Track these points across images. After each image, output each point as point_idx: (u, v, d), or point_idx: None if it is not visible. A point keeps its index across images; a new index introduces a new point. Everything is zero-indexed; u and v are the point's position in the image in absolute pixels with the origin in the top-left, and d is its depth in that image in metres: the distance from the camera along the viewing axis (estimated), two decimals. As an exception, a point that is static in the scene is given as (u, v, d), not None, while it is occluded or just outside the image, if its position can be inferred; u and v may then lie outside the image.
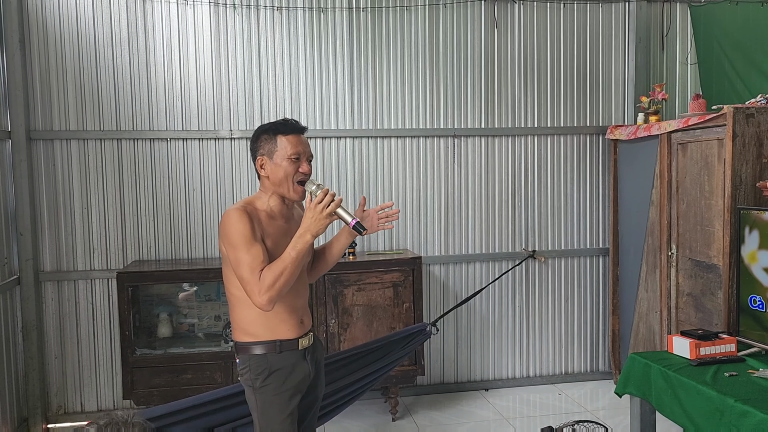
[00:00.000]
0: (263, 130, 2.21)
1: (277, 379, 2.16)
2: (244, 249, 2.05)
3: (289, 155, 2.15)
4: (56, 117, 3.92)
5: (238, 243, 2.06)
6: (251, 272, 2.03)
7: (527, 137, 4.46)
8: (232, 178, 4.12)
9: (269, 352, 2.16)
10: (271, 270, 2.03)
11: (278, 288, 2.02)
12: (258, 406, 2.17)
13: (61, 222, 3.97)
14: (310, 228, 2.04)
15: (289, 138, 2.17)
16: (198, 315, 4.06)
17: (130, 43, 3.97)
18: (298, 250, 2.04)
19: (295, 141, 2.18)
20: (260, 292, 2.02)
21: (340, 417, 3.82)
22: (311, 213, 2.03)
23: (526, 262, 4.48)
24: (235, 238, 2.07)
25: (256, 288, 2.03)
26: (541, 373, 4.59)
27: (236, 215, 2.08)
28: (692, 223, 3.58)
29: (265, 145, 2.18)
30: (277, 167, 2.16)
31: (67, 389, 4.03)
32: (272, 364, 2.15)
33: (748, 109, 3.18)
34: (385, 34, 4.24)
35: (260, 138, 2.21)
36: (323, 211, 2.02)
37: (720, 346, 2.80)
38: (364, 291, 3.87)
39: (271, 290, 2.02)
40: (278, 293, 2.04)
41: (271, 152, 2.17)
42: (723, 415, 2.33)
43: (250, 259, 2.04)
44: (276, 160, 2.16)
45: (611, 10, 4.52)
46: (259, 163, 2.20)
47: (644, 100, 4.13)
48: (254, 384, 2.16)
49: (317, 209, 2.03)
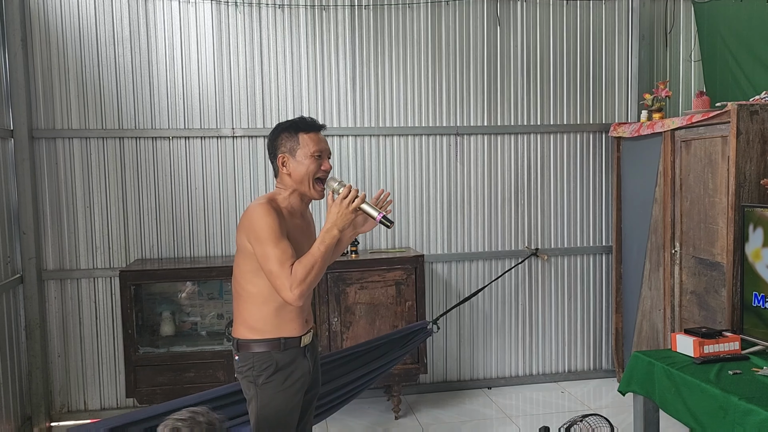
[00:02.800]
0: (284, 128, 2.21)
1: (281, 375, 2.16)
2: (273, 243, 2.05)
3: (312, 153, 2.17)
4: (58, 116, 3.93)
5: (267, 237, 2.06)
6: (281, 266, 2.03)
7: (530, 135, 4.45)
8: (234, 177, 4.12)
9: (273, 349, 2.16)
10: (302, 264, 2.04)
11: (309, 282, 2.04)
12: (258, 402, 2.17)
13: (63, 220, 3.97)
14: (336, 223, 2.06)
15: (310, 135, 2.18)
16: (200, 313, 4.06)
17: (132, 41, 3.97)
18: (327, 244, 2.06)
19: (317, 139, 2.19)
20: (291, 286, 2.02)
21: (343, 415, 3.83)
22: (337, 208, 2.06)
23: (528, 260, 4.47)
24: (263, 232, 2.06)
25: (287, 282, 2.03)
26: (544, 372, 4.58)
27: (264, 210, 2.09)
28: (696, 221, 3.56)
29: (287, 143, 2.19)
30: (300, 165, 2.17)
31: (71, 388, 4.04)
32: (277, 361, 2.16)
33: (753, 106, 3.16)
34: (388, 32, 4.23)
35: (281, 135, 2.21)
36: (349, 206, 2.05)
37: (724, 344, 2.79)
38: (366, 289, 3.86)
39: (302, 284, 2.03)
40: (309, 287, 2.05)
41: (293, 150, 2.18)
42: (727, 414, 2.33)
43: (280, 253, 2.04)
44: (298, 157, 2.17)
45: (614, 6, 4.50)
46: (281, 160, 2.20)
47: (648, 98, 4.11)
48: (257, 380, 2.16)
49: (343, 204, 2.06)
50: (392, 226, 2.15)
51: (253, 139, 4.12)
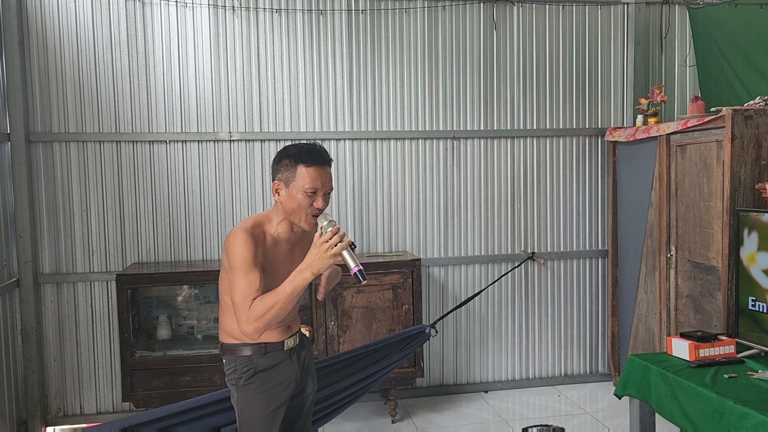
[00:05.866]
0: (286, 155, 2.12)
1: (261, 378, 2.17)
2: (242, 274, 2.02)
3: (306, 189, 2.07)
4: (55, 119, 3.92)
5: (238, 267, 2.03)
6: (243, 299, 2.01)
7: (526, 139, 4.46)
8: (231, 180, 4.12)
9: (254, 353, 2.16)
10: (262, 301, 2.00)
11: (266, 320, 2.00)
12: (239, 404, 2.18)
13: (60, 224, 3.97)
14: (311, 265, 1.98)
15: (309, 170, 2.07)
16: (197, 317, 4.06)
17: (129, 45, 3.97)
18: (294, 286, 1.99)
19: (315, 175, 2.08)
20: (248, 321, 2.00)
21: (339, 419, 3.82)
22: (316, 250, 1.98)
23: (525, 263, 4.48)
24: (235, 260, 2.04)
25: (244, 316, 2.01)
26: (540, 375, 4.59)
27: (242, 237, 2.04)
28: (691, 225, 3.58)
29: (285, 172, 2.10)
30: (291, 198, 2.09)
31: (67, 391, 4.02)
32: (257, 365, 2.16)
33: (747, 111, 3.18)
34: (384, 36, 4.25)
35: (281, 162, 2.12)
36: (328, 251, 1.96)
37: (719, 347, 2.80)
38: (363, 293, 3.87)
39: (258, 321, 2.00)
40: (266, 325, 2.02)
41: (288, 180, 2.09)
42: (722, 417, 2.33)
43: (246, 286, 2.02)
44: (291, 190, 2.08)
45: (610, 11, 4.52)
46: (275, 187, 2.13)
47: (643, 102, 4.13)
48: (238, 383, 2.17)
49: (322, 248, 1.97)
50: (364, 283, 2.08)
51: (250, 143, 4.13)
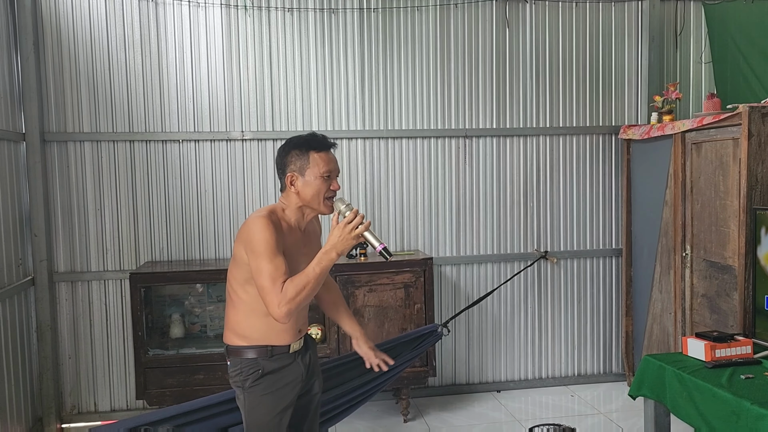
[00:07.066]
0: (294, 145, 2.19)
1: (267, 380, 2.18)
2: (267, 258, 2.05)
3: (322, 173, 2.15)
4: (70, 119, 3.96)
5: (262, 252, 2.05)
6: (272, 282, 2.04)
7: (539, 137, 4.44)
8: (243, 179, 4.13)
9: (260, 356, 2.18)
10: (293, 283, 2.04)
11: (298, 301, 2.04)
12: (246, 406, 2.19)
13: (74, 223, 4.00)
14: (336, 246, 2.05)
15: (321, 155, 2.16)
16: (210, 315, 4.07)
17: (142, 45, 3.99)
18: (323, 266, 2.05)
19: (327, 158, 2.17)
20: (280, 303, 2.03)
21: (351, 418, 3.82)
22: (339, 232, 2.05)
23: (538, 263, 4.45)
24: (259, 246, 2.06)
25: (276, 299, 2.03)
26: (553, 375, 4.56)
27: (262, 223, 2.08)
28: (707, 224, 3.54)
29: (297, 161, 2.17)
30: (308, 185, 2.16)
31: (81, 389, 4.06)
32: (264, 367, 2.17)
33: (764, 108, 3.14)
34: (396, 35, 4.24)
35: (291, 153, 2.18)
36: (352, 232, 2.04)
37: (735, 348, 2.77)
38: (375, 292, 3.86)
39: (291, 303, 2.03)
40: (297, 306, 2.05)
41: (303, 169, 2.16)
42: (739, 419, 2.31)
43: (273, 269, 2.04)
44: (308, 177, 2.16)
45: (624, 8, 4.48)
46: (290, 179, 2.18)
47: (658, 100, 4.09)
48: (244, 384, 2.18)
49: (346, 229, 2.04)
50: (390, 259, 2.14)
51: (263, 142, 4.14)
